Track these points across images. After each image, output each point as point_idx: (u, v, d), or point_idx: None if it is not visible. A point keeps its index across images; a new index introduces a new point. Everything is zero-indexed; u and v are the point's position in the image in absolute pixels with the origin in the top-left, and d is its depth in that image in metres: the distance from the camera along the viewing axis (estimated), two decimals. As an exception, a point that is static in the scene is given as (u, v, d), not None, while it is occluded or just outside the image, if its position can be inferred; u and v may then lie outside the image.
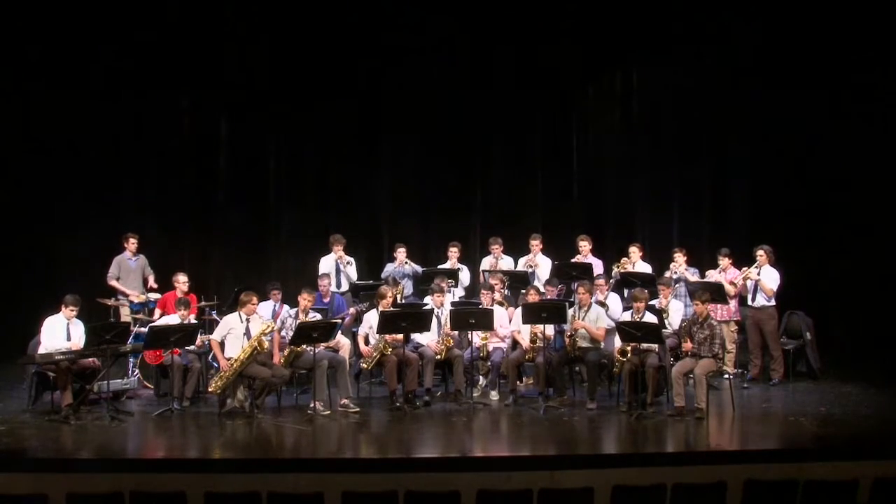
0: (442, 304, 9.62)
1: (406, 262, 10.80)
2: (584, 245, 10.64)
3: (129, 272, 10.53)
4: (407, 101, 12.38)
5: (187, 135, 12.44)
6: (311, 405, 8.69)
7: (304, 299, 9.23)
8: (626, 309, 9.42)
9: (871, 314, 10.95)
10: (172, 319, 9.22)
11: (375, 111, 12.62)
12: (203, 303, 10.26)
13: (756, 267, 9.89)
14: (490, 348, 9.56)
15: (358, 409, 8.82)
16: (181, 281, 9.89)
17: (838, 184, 11.31)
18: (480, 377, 9.65)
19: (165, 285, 10.30)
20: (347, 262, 10.73)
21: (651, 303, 9.40)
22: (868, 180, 11.10)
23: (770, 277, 9.85)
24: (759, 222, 11.75)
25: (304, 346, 8.85)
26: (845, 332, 11.06)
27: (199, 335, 9.14)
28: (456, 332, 9.46)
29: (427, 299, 9.99)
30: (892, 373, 9.86)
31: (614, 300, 9.78)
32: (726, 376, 8.92)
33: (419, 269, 10.80)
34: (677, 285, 9.99)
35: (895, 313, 10.65)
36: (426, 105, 12.36)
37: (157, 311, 10.03)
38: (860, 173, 11.15)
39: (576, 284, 9.47)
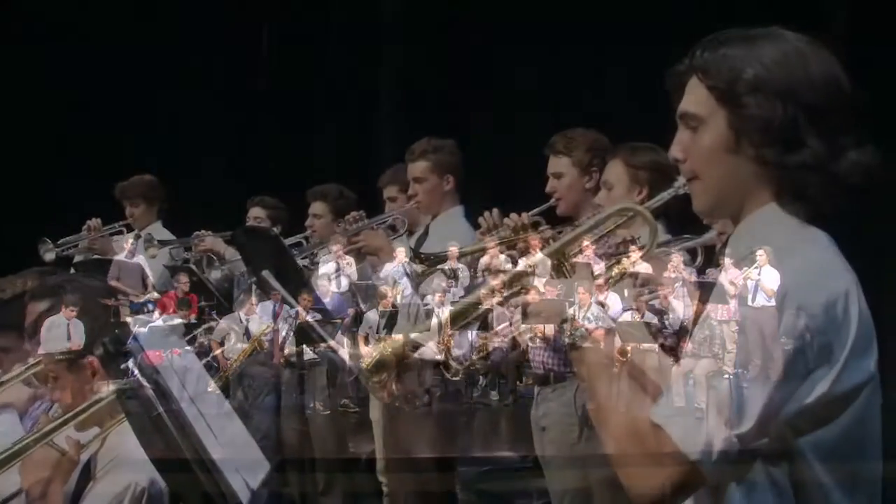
0: (442, 304, 9.61)
1: (405, 262, 10.78)
2: (589, 246, 10.61)
3: (129, 272, 10.52)
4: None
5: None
6: (311, 405, 8.69)
7: (304, 299, 9.22)
8: (626, 309, 9.41)
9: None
10: (173, 320, 9.22)
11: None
12: (203, 303, 10.25)
13: (756, 267, 9.88)
14: (490, 348, 9.55)
15: (358, 409, 8.83)
16: (182, 281, 9.88)
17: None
18: (480, 377, 9.64)
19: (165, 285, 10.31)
20: (347, 262, 10.72)
21: (651, 303, 9.39)
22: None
23: (771, 277, 9.84)
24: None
25: (304, 346, 8.85)
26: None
27: (198, 335, 9.14)
28: (456, 333, 9.45)
29: (427, 299, 9.98)
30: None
31: (614, 300, 9.75)
32: (726, 376, 8.90)
33: (418, 268, 10.77)
34: (677, 285, 9.98)
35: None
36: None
37: (157, 311, 10.02)
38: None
39: (576, 284, 9.47)
